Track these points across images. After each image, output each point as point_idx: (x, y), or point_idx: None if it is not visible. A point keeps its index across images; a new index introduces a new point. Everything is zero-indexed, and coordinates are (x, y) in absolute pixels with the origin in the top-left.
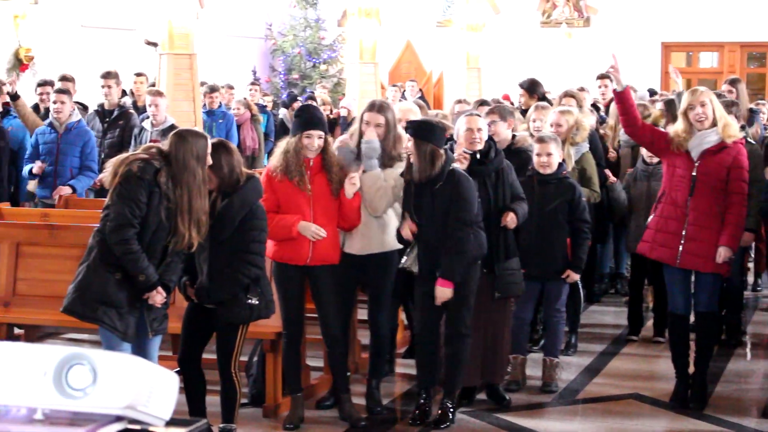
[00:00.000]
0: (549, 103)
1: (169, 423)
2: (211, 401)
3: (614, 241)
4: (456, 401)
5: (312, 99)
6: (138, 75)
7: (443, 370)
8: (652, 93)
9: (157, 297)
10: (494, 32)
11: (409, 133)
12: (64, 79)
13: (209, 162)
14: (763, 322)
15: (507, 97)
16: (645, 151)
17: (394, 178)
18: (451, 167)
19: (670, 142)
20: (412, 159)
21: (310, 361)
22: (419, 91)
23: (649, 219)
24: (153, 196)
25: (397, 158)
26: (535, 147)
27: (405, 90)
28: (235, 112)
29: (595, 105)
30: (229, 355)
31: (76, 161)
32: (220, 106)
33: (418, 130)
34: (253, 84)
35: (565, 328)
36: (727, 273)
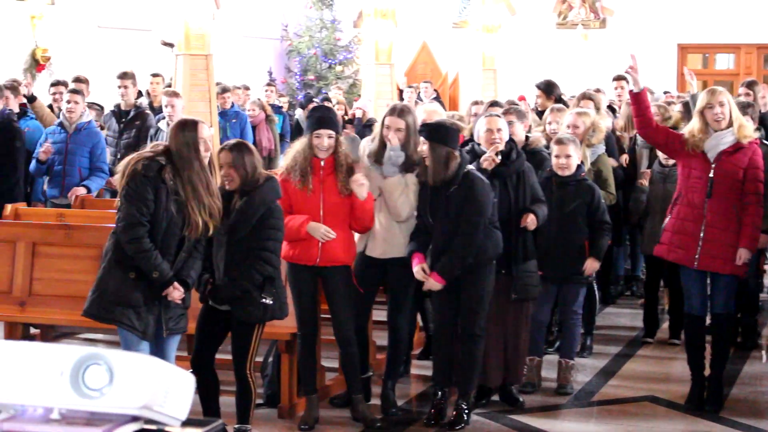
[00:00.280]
0: (565, 105)
1: (185, 423)
2: (226, 402)
3: (630, 243)
4: (471, 402)
5: (327, 100)
6: (154, 75)
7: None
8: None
9: (175, 293)
10: (510, 33)
11: (423, 136)
12: (78, 80)
13: (206, 148)
14: None
15: (523, 98)
16: (661, 152)
17: (414, 182)
18: (466, 169)
19: (684, 143)
20: (426, 162)
21: (326, 362)
22: (434, 92)
23: (666, 221)
24: (160, 192)
25: (417, 162)
26: (554, 149)
27: (420, 91)
28: (250, 113)
29: (611, 107)
30: (244, 356)
31: (86, 161)
32: (232, 106)
33: (433, 133)
34: (269, 85)
35: (581, 330)
36: (745, 274)
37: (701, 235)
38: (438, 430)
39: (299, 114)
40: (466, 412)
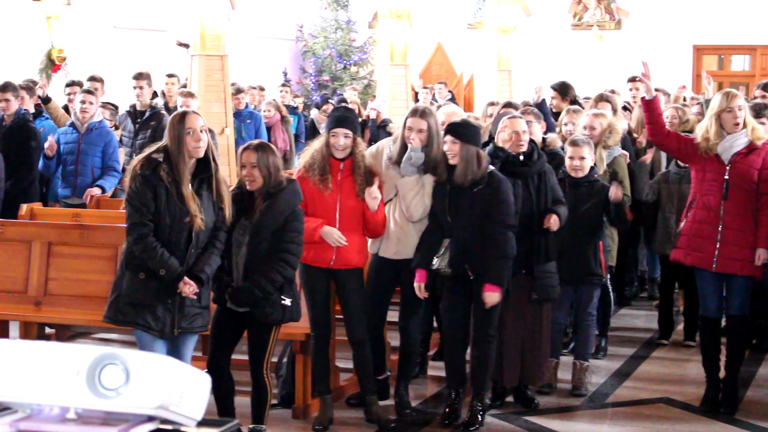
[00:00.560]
0: (580, 107)
1: (201, 423)
2: (240, 402)
3: (646, 245)
4: (485, 403)
5: (344, 101)
6: (169, 76)
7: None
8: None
9: (185, 288)
10: (525, 34)
11: (452, 135)
12: (93, 80)
13: (197, 138)
14: None
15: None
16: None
17: (431, 183)
18: (490, 169)
19: (697, 147)
20: (453, 161)
21: (340, 363)
22: (449, 93)
23: (681, 225)
24: (159, 190)
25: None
26: (568, 150)
27: (435, 92)
28: (266, 114)
29: (626, 108)
30: (261, 356)
31: (98, 161)
32: (246, 106)
33: (463, 133)
34: (284, 85)
35: (595, 332)
36: (762, 276)
37: (718, 237)
38: (452, 431)
39: (314, 114)
40: (481, 412)
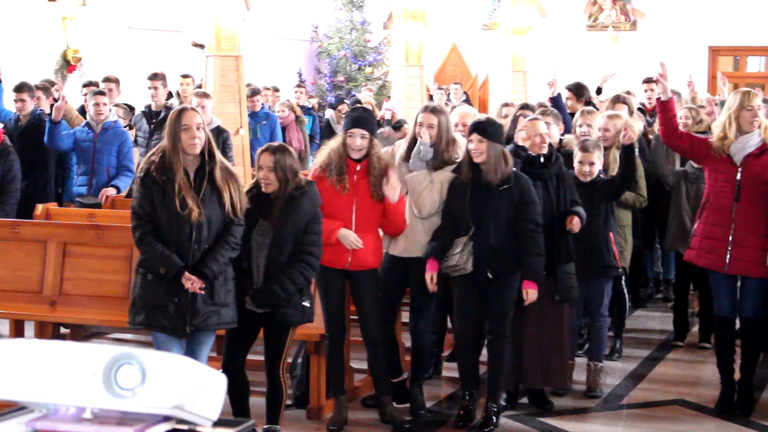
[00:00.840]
0: (594, 108)
1: (217, 423)
2: (255, 402)
3: (661, 246)
4: (500, 404)
5: (358, 102)
6: (184, 76)
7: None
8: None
9: (187, 284)
10: (540, 35)
11: (478, 134)
12: (108, 80)
13: (192, 135)
14: None
15: (551, 100)
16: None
17: (441, 180)
18: (513, 169)
19: (710, 147)
20: (479, 159)
21: (354, 363)
22: (464, 94)
23: (694, 226)
24: (154, 190)
25: (449, 162)
26: (578, 154)
27: (449, 93)
28: (280, 115)
29: (641, 109)
30: (279, 356)
31: (113, 161)
32: (262, 107)
33: (490, 132)
34: (299, 86)
35: (610, 333)
36: None
37: (730, 239)
38: None
39: (329, 114)
40: (495, 414)
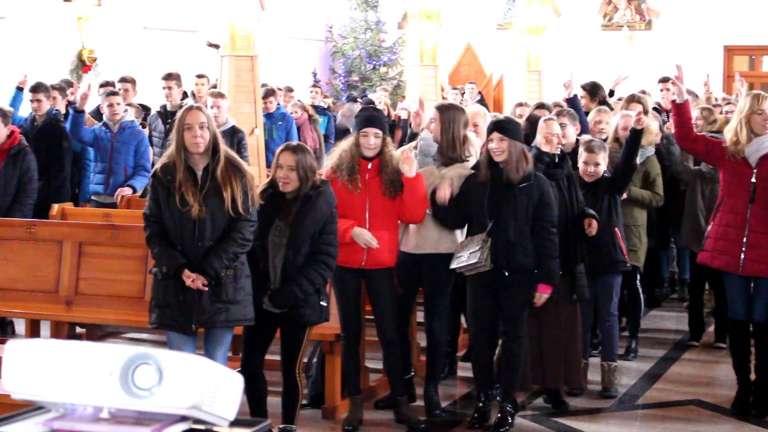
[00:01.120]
0: (610, 107)
1: (233, 423)
2: (270, 402)
3: (676, 246)
4: (516, 404)
5: (371, 102)
6: (199, 77)
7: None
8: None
9: (188, 281)
10: (555, 35)
11: (498, 133)
12: (124, 81)
13: (194, 134)
14: None
15: (566, 100)
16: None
17: (452, 176)
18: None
19: (725, 150)
20: (500, 158)
21: (369, 363)
22: (479, 94)
23: (709, 228)
24: (160, 189)
25: (457, 159)
26: (583, 155)
27: (464, 92)
28: (293, 115)
29: (656, 109)
30: (295, 356)
31: (131, 160)
32: (278, 108)
33: (510, 130)
34: (314, 86)
35: (625, 333)
36: None
37: (744, 240)
38: None
39: (340, 114)
40: (511, 414)
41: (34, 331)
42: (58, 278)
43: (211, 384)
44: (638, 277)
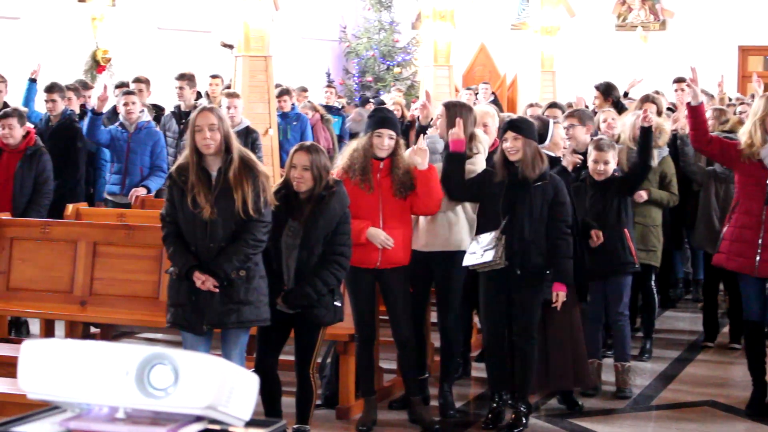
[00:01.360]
0: (623, 108)
1: (249, 423)
2: (284, 402)
3: (690, 247)
4: (529, 405)
5: (382, 104)
6: (213, 77)
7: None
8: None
9: (198, 282)
10: (569, 35)
11: (513, 132)
12: (138, 81)
13: (203, 137)
14: None
15: (581, 99)
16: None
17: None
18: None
19: (740, 152)
20: (515, 157)
21: (384, 364)
22: (492, 94)
23: (724, 230)
24: (175, 190)
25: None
26: (592, 153)
27: (478, 93)
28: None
29: (671, 109)
30: (309, 356)
31: (147, 160)
32: (293, 108)
33: (524, 129)
34: (329, 86)
35: (640, 334)
36: None
37: (760, 242)
38: None
39: (351, 119)
40: (525, 415)
41: (48, 331)
42: (72, 278)
43: (227, 384)
44: (653, 277)
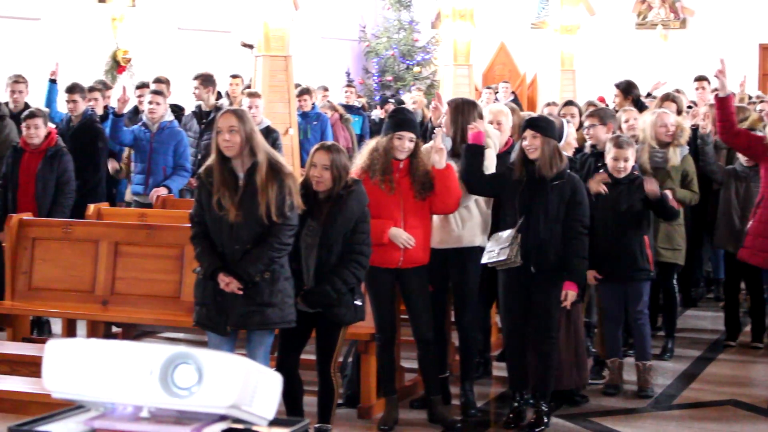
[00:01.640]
0: (644, 106)
1: (272, 423)
2: (306, 401)
3: (711, 246)
4: (550, 404)
5: (402, 103)
6: (234, 77)
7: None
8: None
9: (222, 284)
10: (589, 34)
11: (532, 130)
12: (159, 81)
13: (221, 140)
14: None
15: (602, 100)
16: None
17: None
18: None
19: (767, 147)
20: (534, 155)
21: (405, 363)
22: (512, 93)
23: (748, 224)
24: (203, 192)
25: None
26: (611, 151)
27: (498, 92)
28: None
29: (691, 108)
30: (330, 355)
31: (170, 160)
32: (313, 107)
33: (543, 127)
34: (349, 86)
35: (661, 333)
36: None
37: None
38: None
39: (377, 115)
40: (546, 414)
41: (70, 331)
42: (94, 278)
43: (251, 383)
44: (675, 276)
